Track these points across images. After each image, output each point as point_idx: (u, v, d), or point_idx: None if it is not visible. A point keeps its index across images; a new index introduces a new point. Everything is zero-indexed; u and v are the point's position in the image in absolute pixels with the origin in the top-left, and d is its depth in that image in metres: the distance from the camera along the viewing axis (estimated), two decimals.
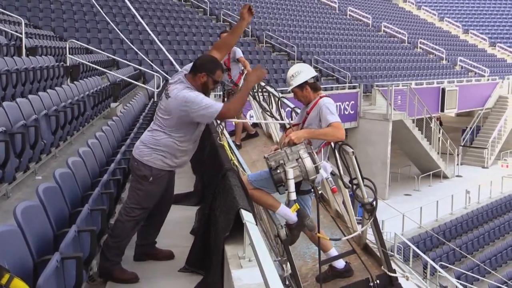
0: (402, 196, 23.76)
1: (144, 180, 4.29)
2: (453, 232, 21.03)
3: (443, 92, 28.48)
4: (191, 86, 4.21)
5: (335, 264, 5.15)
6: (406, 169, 26.63)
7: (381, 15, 44.28)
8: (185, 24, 25.95)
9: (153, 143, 4.26)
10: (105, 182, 4.93)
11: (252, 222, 3.37)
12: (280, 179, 4.38)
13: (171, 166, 4.35)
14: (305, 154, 4.38)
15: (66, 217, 3.99)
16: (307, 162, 4.35)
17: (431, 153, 25.28)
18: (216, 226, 3.98)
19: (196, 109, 4.06)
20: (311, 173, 4.36)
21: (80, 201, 4.42)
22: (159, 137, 4.25)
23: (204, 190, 6.00)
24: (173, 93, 4.18)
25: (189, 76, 4.26)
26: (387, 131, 22.47)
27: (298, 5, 37.83)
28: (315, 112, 4.76)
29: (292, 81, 4.84)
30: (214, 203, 4.34)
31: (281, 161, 4.40)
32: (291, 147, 4.41)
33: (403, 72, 31.77)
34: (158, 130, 4.27)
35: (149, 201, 4.37)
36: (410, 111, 24.20)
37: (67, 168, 4.53)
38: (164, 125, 4.23)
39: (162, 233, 4.79)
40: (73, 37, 18.80)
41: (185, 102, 4.08)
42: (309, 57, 27.93)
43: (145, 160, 4.27)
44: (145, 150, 4.28)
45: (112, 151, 6.56)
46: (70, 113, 7.97)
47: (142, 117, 9.33)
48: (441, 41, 42.11)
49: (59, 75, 10.97)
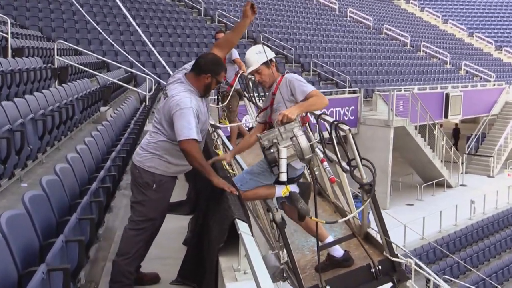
0: (404, 206, 23.75)
1: (148, 188, 4.23)
2: (457, 244, 21.03)
3: (447, 97, 28.55)
4: (192, 87, 4.19)
5: (334, 253, 5.10)
6: (408, 178, 26.65)
7: (383, 17, 44.44)
8: (178, 25, 25.99)
9: (153, 147, 4.23)
10: (95, 190, 4.92)
11: (248, 232, 3.37)
12: (274, 159, 4.34)
13: (174, 171, 4.32)
14: (300, 132, 4.32)
15: (53, 227, 3.98)
16: (301, 141, 4.29)
17: (434, 161, 25.32)
18: (210, 236, 3.97)
19: (177, 116, 4.03)
20: (306, 152, 4.30)
21: (68, 209, 4.41)
22: (158, 139, 4.22)
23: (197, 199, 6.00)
24: (171, 92, 4.16)
25: (191, 76, 4.22)
26: (389, 138, 22.51)
27: (296, 6, 37.95)
28: (283, 89, 4.72)
29: (259, 58, 4.77)
30: (208, 212, 4.33)
31: (274, 140, 4.34)
32: (285, 125, 4.35)
33: (405, 77, 31.85)
34: (156, 132, 4.24)
35: (156, 211, 4.30)
36: (413, 117, 24.25)
37: (55, 175, 4.53)
38: (162, 127, 4.21)
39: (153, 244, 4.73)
40: (61, 37, 18.80)
41: (177, 104, 4.05)
42: (307, 60, 28.00)
43: (146, 166, 4.23)
44: (146, 155, 4.25)
45: (101, 158, 6.56)
46: (58, 117, 7.96)
47: (134, 122, 9.33)
48: (445, 44, 42.25)
49: (46, 78, 10.97)
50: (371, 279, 5.00)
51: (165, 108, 4.16)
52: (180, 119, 4.01)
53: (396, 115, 23.05)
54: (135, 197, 4.32)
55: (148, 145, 4.27)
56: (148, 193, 4.24)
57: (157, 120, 4.27)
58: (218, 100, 9.77)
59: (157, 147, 4.22)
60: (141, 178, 4.24)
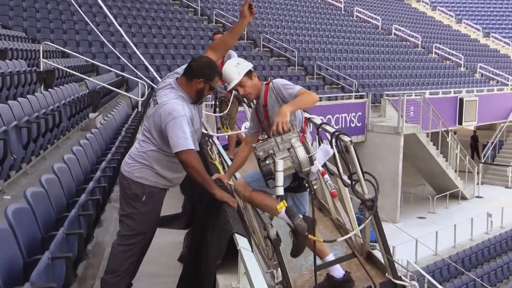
0: (415, 219, 23.71)
1: (137, 200, 4.22)
2: (473, 261, 20.98)
3: (461, 102, 28.57)
4: (184, 93, 4.18)
5: (333, 273, 5.08)
6: (419, 189, 26.62)
7: (392, 17, 44.56)
8: (173, 26, 26.05)
9: (142, 156, 4.23)
10: (83, 202, 4.92)
11: (248, 248, 3.37)
12: (269, 171, 4.31)
13: (165, 183, 4.31)
14: (298, 143, 4.30)
15: (38, 242, 3.98)
16: (299, 152, 4.27)
17: (447, 171, 25.29)
18: (207, 252, 3.97)
19: (171, 126, 4.02)
20: (304, 164, 4.29)
21: (54, 224, 4.41)
22: (147, 149, 4.22)
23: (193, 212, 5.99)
24: (162, 99, 4.15)
25: (182, 81, 4.21)
26: (398, 146, 22.50)
27: (299, 5, 38.05)
28: (272, 98, 4.72)
29: (239, 69, 4.71)
30: (205, 226, 4.33)
31: (270, 151, 4.31)
32: (282, 136, 4.32)
33: (416, 80, 31.92)
34: (146, 141, 4.23)
35: (146, 224, 4.29)
36: (424, 123, 24.26)
37: (40, 186, 4.53)
38: (151, 136, 4.20)
39: (146, 260, 4.74)
40: (47, 38, 18.82)
41: (169, 113, 4.04)
42: (311, 62, 28.06)
43: (135, 177, 4.22)
44: (135, 165, 4.24)
45: (90, 168, 6.56)
46: (43, 125, 7.96)
47: (125, 130, 9.34)
48: (459, 45, 42.35)
49: (31, 82, 10.98)
50: None
51: (155, 116, 4.14)
52: (174, 128, 4.00)
53: (406, 122, 23.06)
54: (123, 209, 4.30)
55: (137, 154, 4.26)
56: (137, 205, 4.23)
57: (146, 128, 4.26)
58: (215, 107, 9.78)
59: (146, 157, 4.21)
60: (130, 189, 4.23)
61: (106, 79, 16.67)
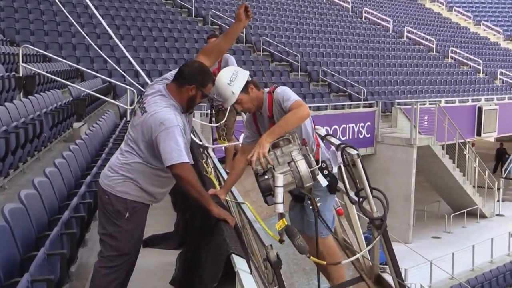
0: (430, 239, 23.69)
1: (120, 217, 4.18)
2: (493, 285, 20.93)
3: (480, 111, 28.60)
4: (174, 100, 4.16)
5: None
6: (434, 206, 26.60)
7: (404, 18, 44.69)
8: (165, 27, 26.11)
9: (125, 169, 4.18)
10: (66, 220, 4.93)
11: (246, 270, 3.38)
12: (268, 187, 4.30)
13: (149, 198, 4.29)
14: (299, 156, 4.31)
15: (17, 264, 3.98)
16: (301, 166, 4.28)
17: (465, 187, 25.28)
18: (202, 274, 3.97)
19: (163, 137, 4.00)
20: (307, 179, 4.29)
21: (34, 243, 4.41)
22: (131, 160, 4.18)
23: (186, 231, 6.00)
24: (151, 108, 4.12)
25: (173, 87, 4.20)
26: (411, 159, 22.51)
27: (303, 5, 38.16)
28: (276, 109, 4.74)
29: (233, 88, 4.64)
30: (199, 246, 4.33)
31: (269, 165, 4.31)
32: (282, 148, 4.33)
33: (430, 88, 31.97)
34: (130, 152, 4.20)
35: (130, 244, 4.25)
36: (439, 135, 24.28)
37: (19, 202, 4.54)
38: (137, 147, 4.17)
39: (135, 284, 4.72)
40: (27, 41, 18.88)
41: (161, 123, 4.02)
42: (315, 68, 28.11)
43: (118, 192, 4.18)
44: (117, 178, 4.19)
45: (75, 182, 6.58)
46: (23, 135, 7.98)
47: (112, 141, 9.36)
48: (478, 49, 42.44)
49: (9, 88, 11.01)
50: None
51: (143, 125, 4.12)
52: (166, 140, 3.99)
53: (419, 133, 23.08)
54: (104, 228, 4.25)
55: (119, 166, 4.21)
56: (120, 223, 4.19)
57: (131, 138, 4.22)
58: (211, 117, 9.77)
59: (130, 169, 4.18)
60: (111, 205, 4.19)
61: (92, 85, 16.70)
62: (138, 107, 4.25)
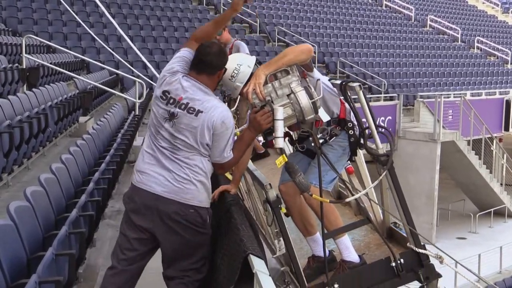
0: (454, 240, 23.61)
1: (205, 224, 4.23)
2: None
3: (508, 105, 28.42)
4: (208, 89, 4.20)
5: (349, 258, 4.99)
6: (459, 205, 26.50)
7: (427, 6, 44.50)
8: (175, 16, 26.12)
9: (200, 174, 4.17)
10: (74, 218, 4.94)
11: (265, 271, 3.38)
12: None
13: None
14: (299, 87, 4.25)
15: (23, 264, 4.00)
16: (301, 97, 4.22)
17: (491, 185, 25.16)
18: (218, 277, 3.98)
19: (225, 134, 4.11)
20: (308, 111, 4.23)
21: (42, 243, 4.43)
22: (202, 161, 4.18)
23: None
24: (204, 106, 4.09)
25: (204, 78, 4.19)
26: (435, 156, 22.42)
27: None
28: None
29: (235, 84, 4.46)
30: (215, 247, 4.34)
31: (267, 97, 4.25)
32: (280, 80, 4.29)
33: (455, 80, 31.83)
34: (194, 154, 4.17)
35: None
36: (465, 129, 24.15)
37: (25, 200, 4.55)
38: (202, 146, 4.14)
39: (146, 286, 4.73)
40: (30, 31, 18.95)
41: (223, 122, 4.10)
42: (333, 59, 28.06)
43: (199, 202, 4.18)
44: (194, 189, 4.16)
45: (82, 179, 6.59)
46: (27, 130, 8.01)
47: (121, 136, 9.37)
48: (506, 39, 42.22)
49: (12, 81, 11.05)
50: (392, 276, 4.89)
51: (204, 123, 4.09)
52: (226, 137, 4.13)
53: (443, 127, 22.97)
54: (189, 241, 4.21)
55: (194, 172, 4.16)
56: (206, 229, 4.26)
57: (188, 143, 4.13)
58: None
59: (205, 171, 4.20)
60: (200, 216, 4.19)
61: (98, 77, 16.75)
62: (177, 108, 4.11)
